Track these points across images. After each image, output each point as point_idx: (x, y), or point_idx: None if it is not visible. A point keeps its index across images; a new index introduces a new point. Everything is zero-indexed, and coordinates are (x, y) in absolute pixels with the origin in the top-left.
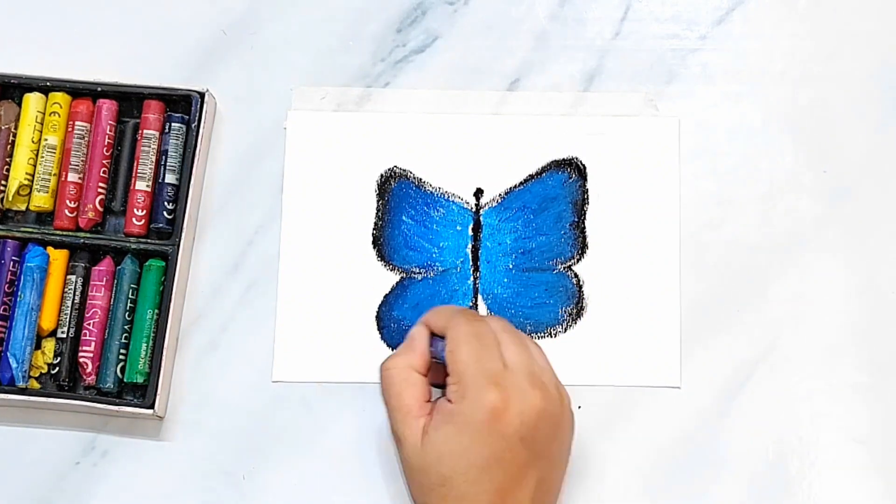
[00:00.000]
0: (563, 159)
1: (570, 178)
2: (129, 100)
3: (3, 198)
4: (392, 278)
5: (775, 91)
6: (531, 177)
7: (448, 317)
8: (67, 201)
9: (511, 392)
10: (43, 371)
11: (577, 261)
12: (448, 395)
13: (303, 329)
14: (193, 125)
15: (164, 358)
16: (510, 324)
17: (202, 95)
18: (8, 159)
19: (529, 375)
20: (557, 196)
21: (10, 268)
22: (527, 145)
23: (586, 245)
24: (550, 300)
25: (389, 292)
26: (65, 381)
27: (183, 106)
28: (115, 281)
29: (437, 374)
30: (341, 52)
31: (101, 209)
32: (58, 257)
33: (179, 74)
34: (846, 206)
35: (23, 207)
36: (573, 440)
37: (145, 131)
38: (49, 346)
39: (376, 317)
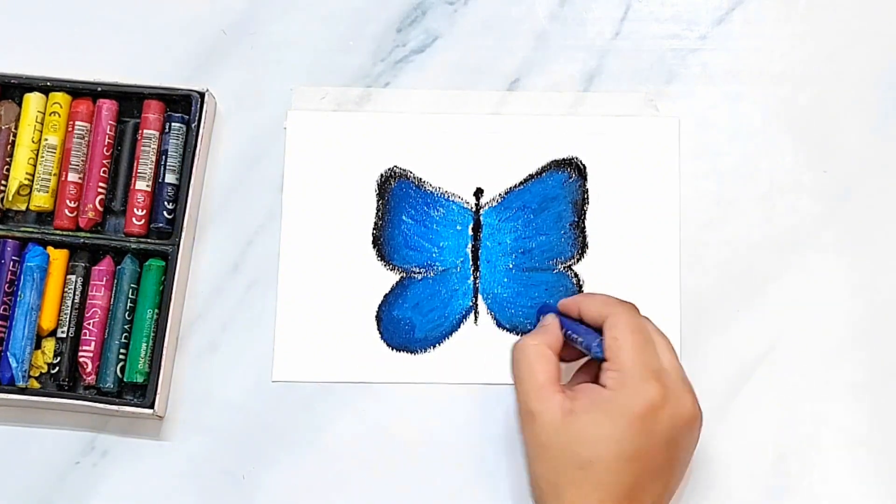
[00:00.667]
0: (563, 159)
1: (570, 177)
2: (130, 100)
3: (3, 197)
4: (392, 278)
5: (775, 91)
6: (531, 176)
7: (607, 304)
8: (67, 201)
9: (669, 391)
10: (43, 371)
11: (577, 261)
12: (604, 381)
13: (303, 329)
14: (193, 125)
15: (163, 358)
16: (664, 334)
17: (202, 95)
18: (8, 159)
19: (683, 381)
20: (557, 196)
21: (10, 267)
22: (527, 145)
23: (586, 245)
24: (550, 300)
25: (389, 292)
26: (65, 380)
27: (183, 106)
28: (115, 281)
29: (570, 350)
30: (341, 52)
31: (101, 209)
32: (58, 257)
33: (179, 74)
34: (846, 206)
35: (23, 207)
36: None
37: (145, 131)
38: (49, 345)
39: (376, 316)
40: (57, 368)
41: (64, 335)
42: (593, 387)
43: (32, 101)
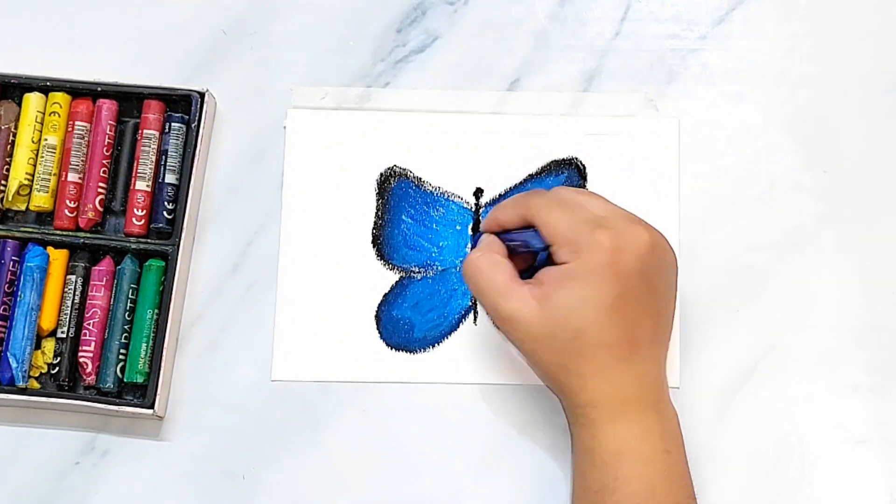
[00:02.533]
0: (563, 159)
1: (570, 178)
2: (130, 100)
3: (3, 198)
4: (392, 277)
5: (775, 91)
6: (531, 177)
7: (517, 202)
8: (67, 201)
9: (618, 231)
10: (43, 371)
11: None
12: (560, 259)
13: (302, 328)
14: (193, 125)
15: (163, 358)
16: (577, 188)
17: (202, 95)
18: (8, 159)
19: (625, 217)
20: None
21: (10, 268)
22: (527, 145)
23: None
24: None
25: (389, 292)
26: (65, 380)
27: (183, 106)
28: (115, 281)
29: (519, 261)
30: (341, 51)
31: (101, 209)
32: (58, 257)
33: (179, 74)
34: (846, 206)
35: (23, 207)
36: (677, 278)
37: (145, 131)
38: (49, 345)
39: (376, 316)
40: (57, 368)
41: (64, 335)
42: (553, 268)
43: (32, 100)
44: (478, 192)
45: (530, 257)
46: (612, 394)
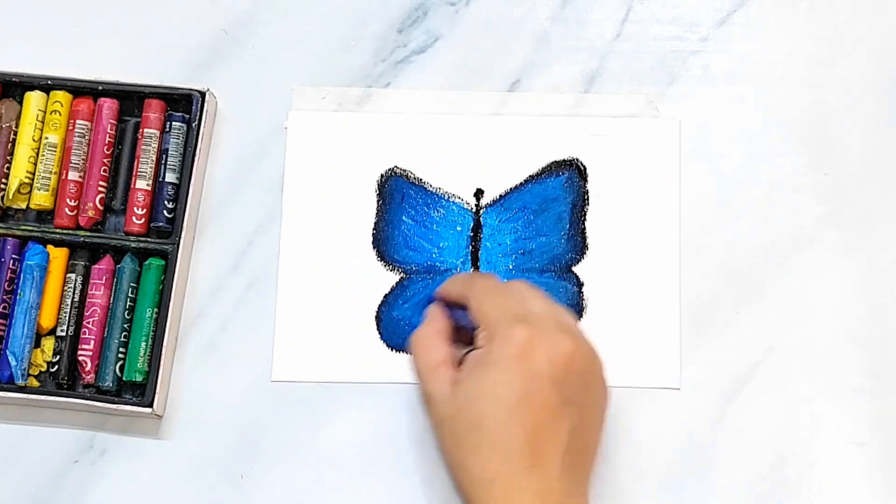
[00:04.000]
0: (564, 160)
1: (571, 179)
2: (130, 99)
3: (3, 196)
4: (392, 278)
5: (776, 93)
6: (531, 177)
7: (464, 280)
8: (68, 200)
9: (540, 331)
10: (42, 369)
11: (577, 262)
12: (478, 344)
13: (302, 329)
14: (194, 124)
15: (163, 357)
16: (535, 285)
17: (203, 95)
18: (9, 157)
19: (557, 323)
20: (558, 197)
21: (10, 266)
22: (527, 146)
23: (586, 246)
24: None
25: (389, 292)
26: (64, 379)
27: (184, 105)
28: (115, 279)
29: (462, 342)
30: (342, 52)
31: (101, 208)
32: (58, 256)
33: (180, 74)
34: (847, 208)
35: (23, 206)
36: (607, 405)
37: (146, 130)
38: (48, 344)
39: (376, 317)
40: (56, 367)
41: (63, 334)
42: (473, 353)
43: (33, 99)
44: (478, 193)
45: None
46: None
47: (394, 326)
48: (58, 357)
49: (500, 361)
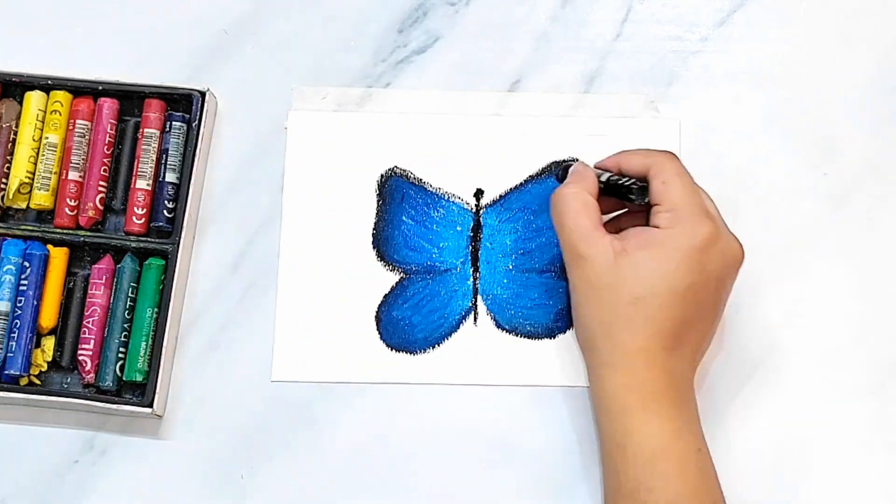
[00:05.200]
0: (564, 160)
1: None
2: (131, 98)
3: (3, 196)
4: (392, 278)
5: (776, 93)
6: (531, 178)
7: (649, 154)
8: (68, 199)
9: (720, 230)
10: (42, 369)
11: None
12: (655, 222)
13: (302, 329)
14: (194, 124)
15: (163, 357)
16: None
17: (203, 95)
18: (9, 157)
19: (727, 229)
20: None
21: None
22: (527, 146)
23: None
24: (550, 301)
25: (389, 292)
26: (64, 379)
27: (184, 105)
28: (115, 279)
29: (603, 206)
30: (342, 52)
31: (101, 207)
32: (58, 255)
33: (180, 73)
34: (846, 208)
35: (23, 205)
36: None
37: (146, 130)
38: (49, 343)
39: (376, 317)
40: (56, 366)
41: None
42: (644, 228)
43: (33, 99)
44: (478, 193)
45: (614, 207)
46: (646, 379)
47: (394, 326)
48: (58, 357)
49: (682, 249)
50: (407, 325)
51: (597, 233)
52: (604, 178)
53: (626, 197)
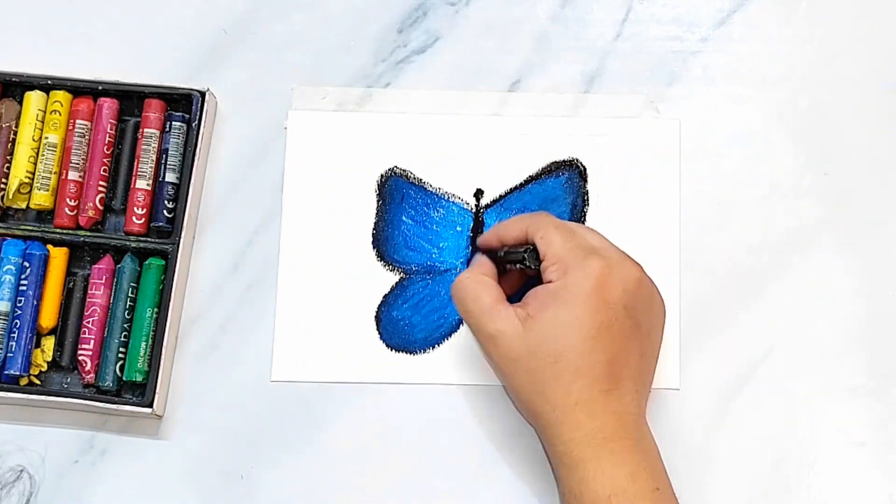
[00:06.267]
0: (564, 160)
1: (571, 179)
2: (130, 98)
3: (3, 196)
4: (391, 278)
5: (776, 93)
6: (531, 178)
7: (522, 218)
8: (68, 199)
9: (610, 261)
10: (42, 369)
11: None
12: (548, 278)
13: (302, 329)
14: (194, 124)
15: (163, 357)
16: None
17: (203, 95)
18: (8, 157)
19: (619, 252)
20: (558, 197)
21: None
22: (527, 146)
23: None
24: None
25: (389, 292)
26: (64, 379)
27: (184, 105)
28: (115, 279)
29: (509, 288)
30: (342, 52)
31: (101, 207)
32: (58, 255)
33: (180, 73)
34: (846, 208)
35: (23, 205)
36: (664, 324)
37: (146, 130)
38: (48, 343)
39: (375, 317)
40: (56, 366)
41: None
42: (540, 288)
43: (33, 99)
44: (478, 194)
45: (519, 281)
46: (593, 428)
47: (393, 326)
48: (58, 357)
49: (579, 294)
50: (407, 325)
51: (498, 306)
52: (501, 254)
53: (524, 265)
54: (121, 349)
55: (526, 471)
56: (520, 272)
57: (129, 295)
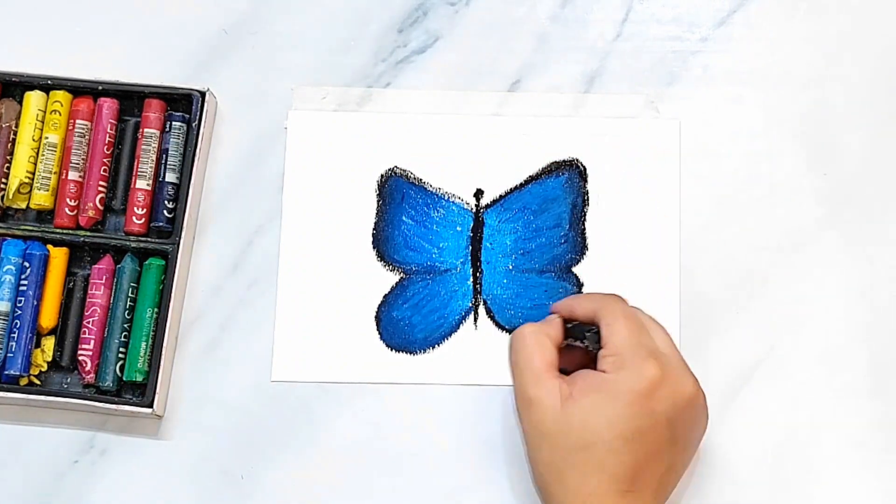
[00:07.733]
0: (564, 160)
1: (571, 179)
2: (130, 98)
3: (3, 196)
4: (391, 278)
5: (776, 93)
6: (531, 178)
7: (595, 298)
8: (68, 199)
9: (667, 370)
10: (42, 369)
11: (577, 262)
12: (601, 367)
13: (302, 329)
14: (194, 124)
15: (163, 357)
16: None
17: (203, 95)
18: (9, 157)
19: (681, 362)
20: (558, 197)
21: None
22: (527, 146)
23: (586, 246)
24: (550, 301)
25: (389, 292)
26: (64, 379)
27: (184, 105)
28: (115, 279)
29: (569, 360)
30: (342, 52)
31: (101, 207)
32: (58, 255)
33: (180, 73)
34: (846, 208)
35: (23, 205)
36: (701, 440)
37: (146, 130)
38: (48, 343)
39: (375, 317)
40: (56, 367)
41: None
42: (591, 371)
43: (33, 99)
44: (478, 194)
45: (579, 359)
46: None
47: (393, 326)
48: (58, 357)
49: (627, 393)
50: (407, 325)
51: (546, 374)
52: (569, 325)
53: (584, 345)
54: (121, 349)
55: (526, 471)
56: (583, 347)
57: (129, 295)
